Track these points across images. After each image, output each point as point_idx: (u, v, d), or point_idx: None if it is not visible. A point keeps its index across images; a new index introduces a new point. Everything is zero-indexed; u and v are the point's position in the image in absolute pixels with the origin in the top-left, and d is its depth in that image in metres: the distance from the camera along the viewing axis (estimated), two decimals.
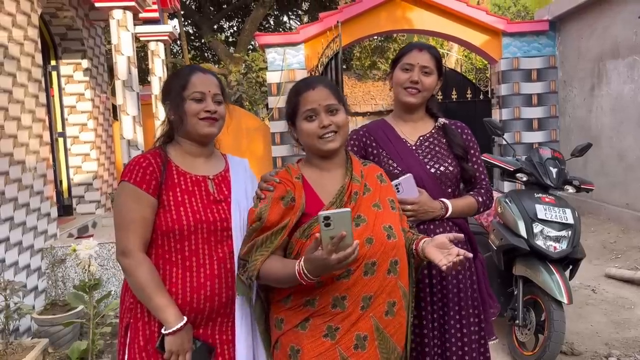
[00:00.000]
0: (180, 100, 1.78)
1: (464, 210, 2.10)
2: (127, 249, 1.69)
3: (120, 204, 1.73)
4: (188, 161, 1.83)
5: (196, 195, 1.77)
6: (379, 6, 8.38)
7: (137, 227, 1.69)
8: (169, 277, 1.72)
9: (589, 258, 5.44)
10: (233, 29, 19.30)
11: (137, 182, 1.70)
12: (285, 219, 1.64)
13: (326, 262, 1.43)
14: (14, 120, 4.22)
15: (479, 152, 2.21)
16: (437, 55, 2.13)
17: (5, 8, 4.20)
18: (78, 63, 6.18)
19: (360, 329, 1.59)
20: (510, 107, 8.48)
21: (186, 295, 1.71)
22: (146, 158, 1.75)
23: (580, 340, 3.75)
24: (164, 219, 1.71)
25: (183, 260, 1.73)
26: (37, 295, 4.42)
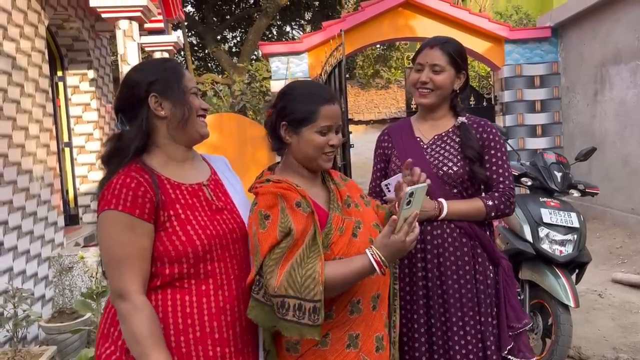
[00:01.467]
0: (183, 92, 1.52)
1: (465, 213, 1.98)
2: (124, 290, 1.39)
3: (110, 237, 1.42)
4: (175, 169, 1.55)
5: (198, 209, 1.51)
6: (381, 15, 8.44)
7: (134, 263, 1.40)
8: (181, 308, 1.45)
9: (595, 263, 5.43)
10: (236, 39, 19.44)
11: (128, 209, 1.40)
12: (310, 227, 1.50)
13: (404, 245, 1.43)
14: (22, 129, 4.27)
15: (500, 153, 2.05)
16: (451, 50, 2.04)
17: (13, 20, 4.26)
18: (84, 74, 6.24)
19: (377, 330, 1.59)
20: (514, 113, 8.50)
21: (204, 325, 1.46)
22: (132, 177, 1.44)
23: (588, 345, 3.74)
24: (171, 244, 1.44)
25: (198, 285, 1.47)
26: (44, 303, 4.44)
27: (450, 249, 1.99)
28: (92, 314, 3.53)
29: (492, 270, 2.04)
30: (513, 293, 2.06)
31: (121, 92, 1.56)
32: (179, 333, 1.45)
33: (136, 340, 1.37)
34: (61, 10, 5.39)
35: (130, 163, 1.49)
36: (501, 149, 2.05)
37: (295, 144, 1.60)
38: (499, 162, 2.04)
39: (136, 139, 1.51)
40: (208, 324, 1.46)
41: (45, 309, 4.41)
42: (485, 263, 2.03)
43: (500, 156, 2.04)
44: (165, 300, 1.45)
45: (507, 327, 2.00)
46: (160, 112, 1.52)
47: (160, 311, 1.45)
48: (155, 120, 1.53)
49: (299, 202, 1.52)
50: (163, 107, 1.52)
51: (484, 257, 2.02)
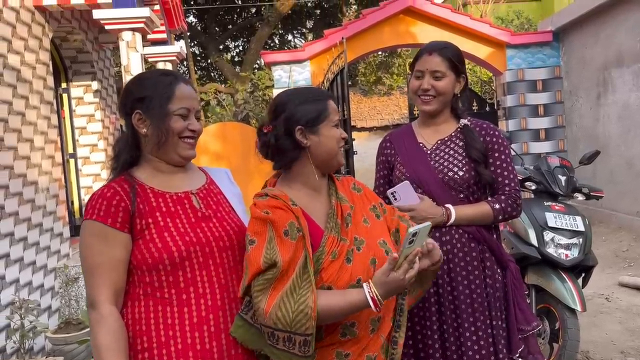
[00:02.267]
0: (164, 115, 1.49)
1: (473, 218, 1.97)
2: (93, 299, 1.40)
3: (84, 246, 1.43)
4: (162, 180, 1.53)
5: (181, 216, 1.49)
6: (382, 22, 8.48)
7: (104, 273, 1.40)
8: (163, 319, 1.42)
9: (601, 267, 5.40)
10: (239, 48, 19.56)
11: (101, 218, 1.41)
12: (300, 254, 1.44)
13: (402, 282, 1.40)
14: (27, 141, 4.30)
15: (504, 155, 2.04)
16: (450, 55, 2.04)
17: (17, 33, 4.31)
18: (88, 85, 6.29)
19: (370, 351, 1.54)
20: (517, 118, 8.50)
21: (186, 337, 1.42)
22: (110, 187, 1.45)
23: (596, 349, 3.72)
24: (148, 252, 1.43)
25: (178, 294, 1.44)
26: (50, 314, 4.45)
27: (460, 254, 1.98)
28: None
29: (500, 274, 2.03)
30: (522, 296, 2.05)
31: (120, 100, 1.59)
32: (161, 346, 1.42)
33: (97, 349, 1.38)
34: (65, 23, 5.44)
35: (120, 174, 1.51)
36: (505, 151, 2.04)
37: (315, 143, 1.55)
38: (503, 164, 2.02)
39: (124, 151, 1.53)
40: (190, 335, 1.43)
41: (52, 320, 4.42)
42: (494, 267, 2.02)
43: (504, 158, 2.03)
44: (147, 312, 1.44)
45: (517, 330, 1.99)
46: (142, 129, 1.51)
47: (143, 324, 1.43)
48: (139, 137, 1.53)
49: (287, 230, 1.45)
50: (145, 125, 1.50)
51: (492, 260, 2.01)
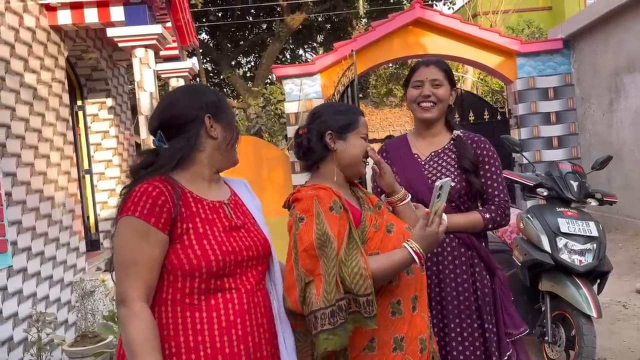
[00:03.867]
0: (232, 118, 1.64)
1: (464, 226, 2.06)
2: (126, 295, 1.40)
3: (123, 241, 1.43)
4: (200, 186, 1.57)
5: (217, 224, 1.52)
6: (391, 33, 8.53)
7: (141, 271, 1.41)
8: (192, 325, 1.45)
9: (618, 274, 5.34)
10: (250, 64, 19.76)
11: (144, 216, 1.42)
12: (345, 227, 1.59)
13: (437, 235, 1.58)
14: (44, 157, 4.39)
15: (495, 167, 2.15)
16: (445, 67, 2.18)
17: (34, 52, 4.42)
18: (103, 102, 6.40)
19: (421, 331, 1.64)
20: (529, 126, 8.47)
21: (215, 341, 1.45)
22: (155, 186, 1.46)
23: (613, 356, 3.66)
24: (186, 258, 1.44)
25: (207, 300, 1.47)
26: (67, 328, 4.50)
27: (449, 258, 2.07)
28: (114, 336, 3.57)
29: (489, 280, 2.11)
30: (509, 301, 2.16)
31: (167, 110, 1.60)
32: (190, 351, 1.44)
33: (130, 346, 1.37)
34: (80, 42, 5.56)
35: (155, 176, 1.51)
36: (495, 163, 2.14)
37: (341, 149, 1.71)
38: (493, 175, 2.13)
39: (180, 153, 1.54)
40: (219, 339, 1.45)
41: (69, 334, 4.46)
42: (483, 272, 2.10)
43: (494, 170, 2.13)
44: (175, 318, 1.46)
45: (505, 334, 2.07)
46: (213, 132, 1.57)
47: (171, 329, 1.45)
48: (204, 140, 1.57)
49: (332, 206, 1.60)
50: (214, 128, 1.58)
51: (482, 267, 2.10)
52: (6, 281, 3.67)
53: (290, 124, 8.69)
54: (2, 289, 3.62)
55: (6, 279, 3.67)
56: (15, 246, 3.82)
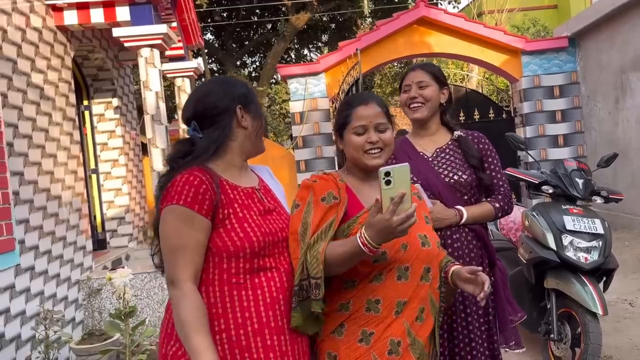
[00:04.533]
0: (260, 110, 1.75)
1: (480, 216, 2.21)
2: (175, 277, 1.52)
3: (169, 228, 1.54)
4: (233, 174, 1.68)
5: (253, 208, 1.64)
6: (396, 32, 8.54)
7: (188, 254, 1.52)
8: (239, 302, 1.55)
9: (625, 272, 5.32)
10: (255, 64, 19.78)
11: (188, 204, 1.52)
12: (331, 216, 1.65)
13: (388, 223, 1.44)
14: (51, 157, 4.42)
15: (496, 160, 2.31)
16: (431, 69, 2.31)
17: (40, 52, 4.45)
18: (109, 102, 6.43)
19: (393, 334, 1.62)
20: (534, 124, 8.45)
21: (261, 317, 1.56)
22: (196, 176, 1.55)
23: (619, 354, 3.66)
24: (230, 240, 1.55)
25: (252, 279, 1.58)
26: (74, 326, 4.53)
27: (466, 250, 2.20)
28: (121, 334, 3.59)
29: (489, 270, 2.24)
30: (508, 290, 2.32)
31: (202, 101, 1.68)
32: (238, 327, 1.54)
33: (181, 324, 1.48)
34: (86, 42, 5.60)
35: (193, 165, 1.59)
36: (496, 157, 2.31)
37: (345, 148, 1.79)
38: (496, 168, 2.29)
39: (216, 143, 1.64)
40: (264, 315, 1.56)
41: (76, 332, 4.49)
42: (486, 262, 2.24)
43: (496, 163, 2.30)
44: (223, 298, 1.55)
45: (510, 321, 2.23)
46: (244, 122, 1.68)
47: (219, 307, 1.55)
48: (235, 129, 1.68)
49: (324, 197, 1.69)
50: (245, 118, 1.68)
51: (485, 257, 2.24)
52: (14, 279, 3.70)
53: (295, 124, 8.70)
54: (10, 287, 3.65)
55: (14, 277, 3.70)
56: (22, 245, 3.85)
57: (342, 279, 1.66)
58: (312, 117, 8.61)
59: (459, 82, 10.05)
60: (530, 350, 3.72)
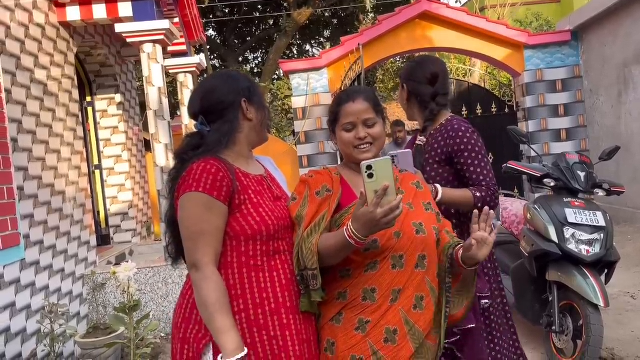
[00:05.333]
0: (263, 101, 1.81)
1: (456, 200, 2.19)
2: (197, 261, 1.58)
3: (189, 215, 1.60)
4: (243, 163, 1.76)
5: (264, 195, 1.72)
6: (398, 27, 8.52)
7: (208, 239, 1.59)
8: (257, 284, 1.63)
9: (627, 266, 5.32)
10: (258, 60, 19.78)
11: (207, 190, 1.59)
12: (324, 209, 1.71)
13: (372, 216, 1.47)
14: (54, 152, 4.44)
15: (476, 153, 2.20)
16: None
17: (44, 48, 4.47)
18: (112, 98, 6.46)
19: (389, 322, 1.64)
20: (537, 118, 8.43)
21: (277, 297, 1.64)
22: (212, 164, 1.62)
23: (621, 346, 3.67)
24: (247, 224, 1.63)
25: (269, 261, 1.66)
26: (79, 320, 4.57)
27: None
28: (126, 328, 3.62)
29: None
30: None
31: (208, 97, 1.75)
32: (256, 307, 1.62)
33: (204, 305, 1.55)
34: (89, 38, 5.61)
35: (206, 156, 1.67)
36: (474, 149, 2.19)
37: (337, 144, 1.84)
38: (474, 162, 2.20)
39: (227, 136, 1.72)
40: (280, 295, 1.64)
41: (81, 326, 4.53)
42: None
43: (474, 157, 2.19)
44: (242, 278, 1.63)
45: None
46: (249, 114, 1.76)
47: (239, 289, 1.63)
48: (242, 122, 1.76)
49: (319, 191, 1.75)
50: (249, 111, 1.76)
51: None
52: (19, 274, 3.73)
53: (298, 119, 8.71)
54: (16, 281, 3.68)
55: (19, 272, 3.73)
56: (27, 239, 3.88)
57: (336, 267, 1.69)
58: (314, 113, 8.61)
59: (462, 76, 10.02)
60: (532, 342, 3.74)
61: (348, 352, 1.64)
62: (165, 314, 4.70)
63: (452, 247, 1.75)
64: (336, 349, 1.66)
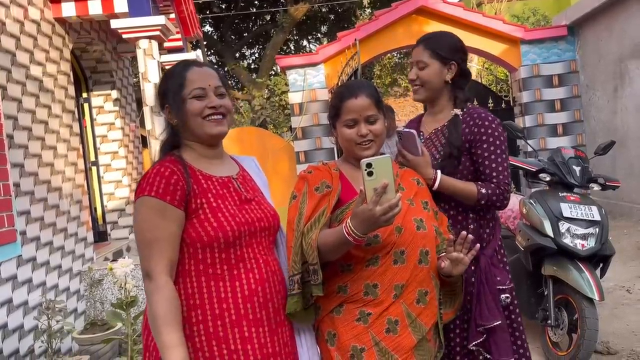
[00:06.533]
0: (180, 102, 1.61)
1: (456, 190, 1.97)
2: (150, 270, 1.49)
3: (142, 221, 1.52)
4: (205, 164, 1.65)
5: (228, 199, 1.60)
6: (395, 22, 8.52)
7: (162, 246, 1.49)
8: (216, 293, 1.54)
9: (623, 260, 5.35)
10: (254, 55, 19.75)
11: (159, 195, 1.50)
12: (323, 205, 1.70)
13: (371, 213, 1.46)
14: (50, 149, 4.44)
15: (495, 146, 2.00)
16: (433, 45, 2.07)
17: (39, 44, 4.46)
18: (108, 94, 6.44)
19: (391, 314, 1.65)
20: (533, 113, 8.45)
21: (239, 308, 1.54)
22: (167, 167, 1.55)
23: (616, 340, 3.69)
24: (203, 230, 1.53)
25: (230, 270, 1.56)
26: (77, 317, 4.57)
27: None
28: (123, 324, 3.62)
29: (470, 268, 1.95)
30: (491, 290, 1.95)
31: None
32: (215, 318, 1.53)
33: (153, 318, 1.47)
34: (84, 34, 5.59)
35: (166, 156, 1.62)
36: (495, 142, 1.99)
37: (338, 139, 1.82)
38: (491, 155, 1.99)
39: (167, 140, 1.68)
40: (242, 306, 1.55)
41: (78, 322, 4.53)
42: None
43: (493, 150, 1.99)
44: (200, 289, 1.54)
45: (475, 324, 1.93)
46: (173, 120, 1.65)
47: (197, 298, 1.54)
48: (174, 125, 1.67)
49: (318, 187, 1.75)
50: (172, 115, 1.65)
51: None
52: (16, 270, 3.73)
53: (295, 115, 8.71)
54: (12, 277, 3.69)
55: (16, 268, 3.73)
56: (24, 236, 3.87)
57: (336, 262, 1.68)
58: (311, 108, 8.61)
59: None
60: (527, 336, 3.75)
61: (349, 342, 1.64)
62: None
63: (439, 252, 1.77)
64: (337, 339, 1.66)
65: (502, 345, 1.95)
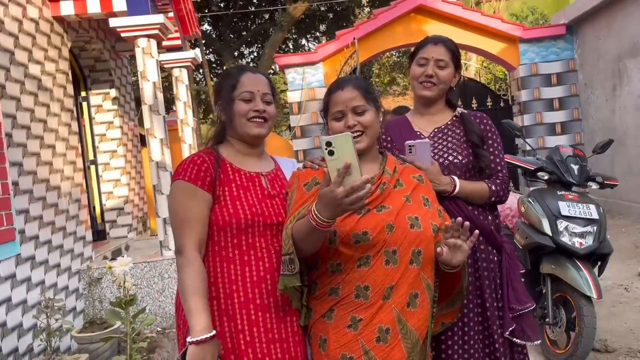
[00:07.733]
0: (229, 101, 1.79)
1: (473, 192, 2.04)
2: (181, 246, 1.66)
3: (176, 202, 1.70)
4: (240, 159, 1.82)
5: (250, 190, 1.75)
6: (394, 21, 8.53)
7: (192, 225, 1.66)
8: (227, 275, 1.68)
9: (622, 258, 5.36)
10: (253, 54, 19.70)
11: (191, 179, 1.69)
12: (310, 199, 1.67)
13: (333, 195, 1.41)
14: (49, 148, 4.44)
15: (498, 143, 2.15)
16: (452, 47, 2.14)
17: (37, 43, 4.46)
18: (107, 93, 6.44)
19: (382, 321, 1.60)
20: (532, 112, 8.46)
21: (247, 292, 1.67)
22: (200, 156, 1.75)
23: (614, 338, 3.70)
24: (220, 214, 1.69)
25: (241, 255, 1.69)
26: (75, 315, 4.57)
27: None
28: (122, 322, 3.62)
29: (495, 255, 2.08)
30: (516, 276, 2.10)
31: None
32: (226, 297, 1.68)
33: (182, 287, 1.62)
34: (83, 33, 5.59)
35: (207, 148, 1.83)
36: (497, 140, 2.16)
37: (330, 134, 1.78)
38: (496, 151, 2.15)
39: (215, 134, 1.88)
40: (250, 290, 1.68)
41: (77, 321, 4.54)
42: (488, 249, 2.07)
43: (497, 146, 2.15)
44: (215, 268, 1.70)
45: (509, 309, 2.03)
46: (222, 117, 1.84)
47: (211, 276, 1.69)
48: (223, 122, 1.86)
49: (307, 183, 1.74)
50: (222, 113, 1.84)
51: (485, 244, 2.07)
52: (15, 269, 3.73)
53: (293, 113, 8.71)
54: (11, 276, 3.69)
55: (15, 267, 3.73)
56: (23, 234, 3.87)
57: (326, 261, 1.65)
58: (310, 107, 8.61)
59: None
60: None
61: (339, 350, 1.60)
62: (161, 308, 4.71)
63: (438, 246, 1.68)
64: (327, 346, 1.62)
65: (532, 327, 2.07)
